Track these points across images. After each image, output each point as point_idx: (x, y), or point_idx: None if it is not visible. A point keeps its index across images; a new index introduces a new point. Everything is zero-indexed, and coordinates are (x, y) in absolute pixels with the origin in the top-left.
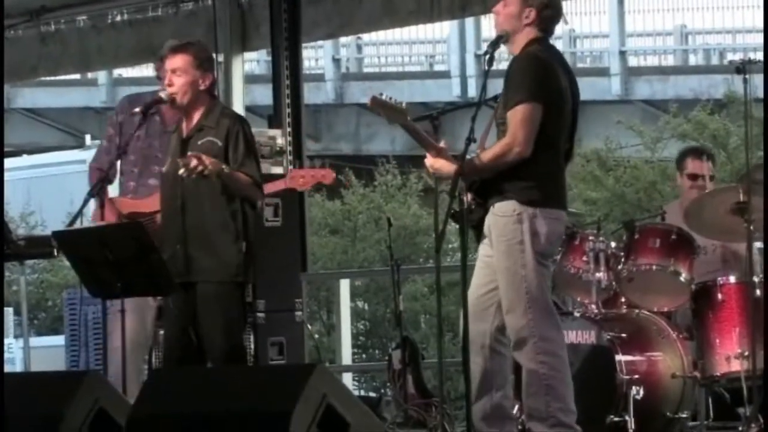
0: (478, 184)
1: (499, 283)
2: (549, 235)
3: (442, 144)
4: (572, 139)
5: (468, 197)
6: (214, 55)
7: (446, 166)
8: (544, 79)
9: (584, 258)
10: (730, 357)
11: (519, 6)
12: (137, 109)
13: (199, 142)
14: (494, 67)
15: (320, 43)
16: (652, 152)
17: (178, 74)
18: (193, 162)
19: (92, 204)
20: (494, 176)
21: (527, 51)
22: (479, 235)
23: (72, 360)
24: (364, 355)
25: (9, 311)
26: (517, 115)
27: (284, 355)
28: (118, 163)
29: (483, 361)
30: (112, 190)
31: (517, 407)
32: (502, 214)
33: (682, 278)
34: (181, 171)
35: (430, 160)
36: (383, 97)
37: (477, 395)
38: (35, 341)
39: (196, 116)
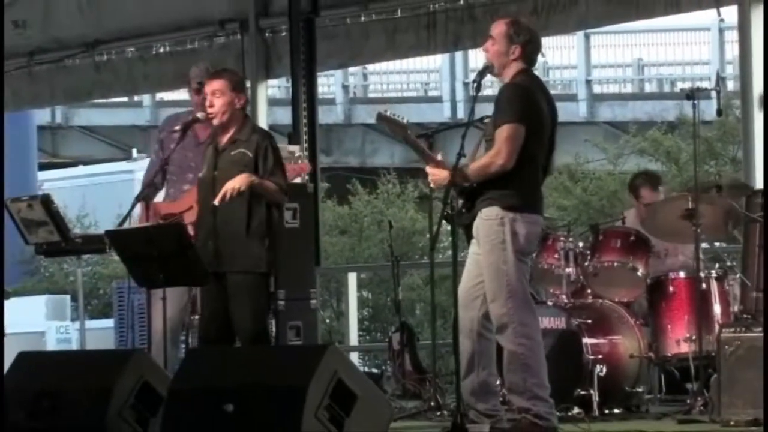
0: (468, 190)
1: (485, 276)
2: (527, 235)
3: (439, 157)
4: (550, 155)
5: (459, 202)
6: (247, 84)
7: (442, 174)
8: (528, 104)
9: (556, 256)
10: (680, 340)
11: (506, 45)
12: (177, 127)
13: (232, 153)
14: (480, 93)
15: (332, 72)
16: (615, 166)
17: (217, 96)
18: (228, 194)
19: (139, 207)
20: (482, 186)
21: (514, 80)
22: (470, 235)
23: (120, 340)
24: (368, 337)
25: (66, 298)
26: (503, 132)
27: (301, 336)
28: (161, 173)
29: (471, 344)
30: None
31: (499, 382)
32: (487, 218)
33: (639, 273)
34: (217, 201)
35: (429, 169)
36: (387, 113)
37: (465, 373)
38: (89, 324)
39: (231, 131)
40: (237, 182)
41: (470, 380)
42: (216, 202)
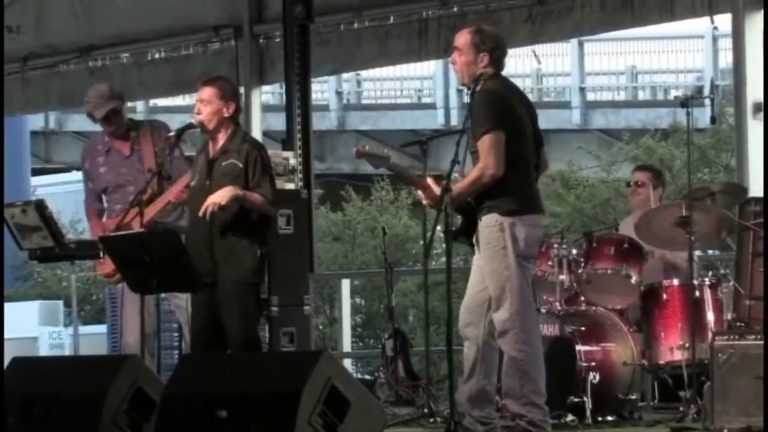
0: (466, 208)
1: (488, 283)
2: (528, 238)
3: (429, 180)
4: (539, 152)
5: (459, 219)
6: (241, 89)
7: (433, 196)
8: (503, 109)
9: (550, 263)
10: (673, 348)
11: (473, 55)
12: (171, 134)
13: (223, 164)
14: None
15: (325, 78)
16: (608, 173)
17: (204, 104)
18: (209, 209)
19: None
20: (478, 198)
21: (485, 87)
22: (473, 244)
23: (113, 346)
24: (361, 344)
25: (59, 303)
26: (484, 143)
27: (294, 343)
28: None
29: (476, 350)
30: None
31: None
32: (486, 225)
33: (632, 281)
34: (200, 214)
35: (421, 193)
36: (366, 149)
37: (466, 378)
38: (82, 329)
39: (221, 140)
40: (218, 197)
41: (469, 386)
42: (200, 214)
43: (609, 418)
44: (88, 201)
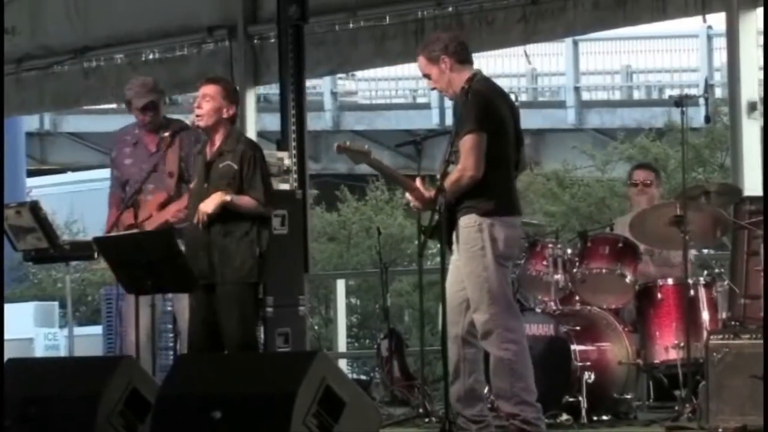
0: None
1: (466, 284)
2: (506, 239)
3: (417, 182)
4: (519, 150)
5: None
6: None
7: (421, 198)
8: (487, 110)
9: (544, 262)
10: (668, 347)
11: (435, 68)
12: (166, 134)
13: (220, 166)
14: None
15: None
16: (603, 173)
17: (207, 100)
18: (201, 219)
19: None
20: (457, 197)
21: (471, 88)
22: (451, 243)
23: (108, 347)
24: (356, 344)
25: (55, 304)
26: (466, 144)
27: (289, 343)
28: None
29: (457, 350)
30: None
31: (487, 389)
32: (465, 226)
33: (627, 280)
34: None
35: (408, 196)
36: (347, 144)
37: (452, 379)
38: (77, 330)
39: (218, 141)
40: (207, 206)
41: (456, 387)
42: (194, 222)
43: (604, 417)
44: (112, 189)
